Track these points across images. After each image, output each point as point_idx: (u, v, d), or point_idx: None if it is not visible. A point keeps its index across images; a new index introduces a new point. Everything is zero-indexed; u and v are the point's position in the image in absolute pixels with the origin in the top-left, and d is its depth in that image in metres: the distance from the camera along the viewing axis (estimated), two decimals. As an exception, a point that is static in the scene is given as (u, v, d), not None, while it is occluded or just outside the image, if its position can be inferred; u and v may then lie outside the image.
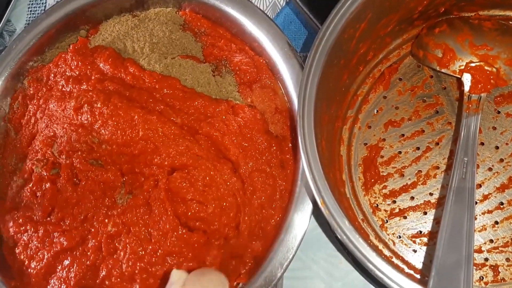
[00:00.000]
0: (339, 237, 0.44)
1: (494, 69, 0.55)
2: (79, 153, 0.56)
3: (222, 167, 0.55)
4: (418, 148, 0.58)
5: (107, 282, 0.53)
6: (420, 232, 0.55)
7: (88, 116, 0.56)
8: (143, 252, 0.52)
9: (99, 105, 0.56)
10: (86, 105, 0.57)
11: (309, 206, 0.53)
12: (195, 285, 0.44)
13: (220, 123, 0.57)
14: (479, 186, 0.55)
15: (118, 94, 0.57)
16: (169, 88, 0.58)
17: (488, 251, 0.53)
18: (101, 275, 0.53)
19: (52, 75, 0.62)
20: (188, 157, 0.55)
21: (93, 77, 0.59)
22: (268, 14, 0.61)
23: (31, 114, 0.62)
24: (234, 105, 0.58)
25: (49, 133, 0.59)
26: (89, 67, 0.60)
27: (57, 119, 0.59)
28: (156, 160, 0.55)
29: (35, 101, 0.62)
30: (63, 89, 0.60)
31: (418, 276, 0.54)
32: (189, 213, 0.53)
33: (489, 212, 0.54)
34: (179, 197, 0.54)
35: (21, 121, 0.62)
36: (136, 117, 0.55)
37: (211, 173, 0.54)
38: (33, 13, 0.80)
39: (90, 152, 0.56)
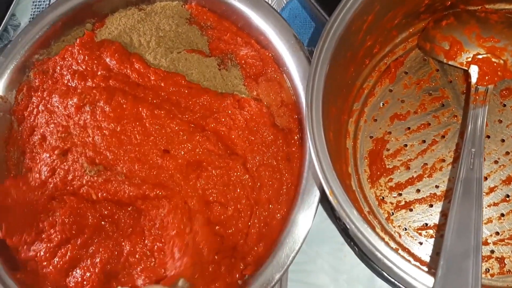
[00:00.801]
0: (347, 226, 0.44)
1: (501, 61, 0.55)
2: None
3: (234, 165, 0.55)
4: (424, 141, 0.58)
5: (130, 259, 0.53)
6: (426, 224, 0.55)
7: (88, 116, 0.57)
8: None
9: (101, 104, 0.56)
10: (88, 104, 0.57)
11: (315, 199, 0.53)
12: None
13: (226, 117, 0.57)
14: (485, 178, 0.55)
15: (123, 92, 0.57)
16: (174, 85, 0.58)
17: (494, 243, 0.53)
18: (125, 252, 0.53)
19: (58, 68, 0.62)
20: (201, 153, 0.55)
21: (99, 72, 0.59)
22: (274, 7, 0.61)
23: (34, 106, 0.61)
24: (240, 99, 0.58)
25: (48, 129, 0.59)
26: (95, 61, 0.60)
27: (57, 116, 0.59)
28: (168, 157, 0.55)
29: (39, 93, 0.62)
30: (69, 83, 0.60)
31: (424, 268, 0.54)
32: (212, 217, 0.54)
33: (495, 204, 0.54)
34: (204, 200, 0.54)
35: (24, 113, 0.62)
36: (143, 113, 0.55)
37: (228, 171, 0.54)
38: (37, 8, 0.80)
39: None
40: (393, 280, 0.51)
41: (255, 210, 0.54)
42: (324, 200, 0.51)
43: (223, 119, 0.57)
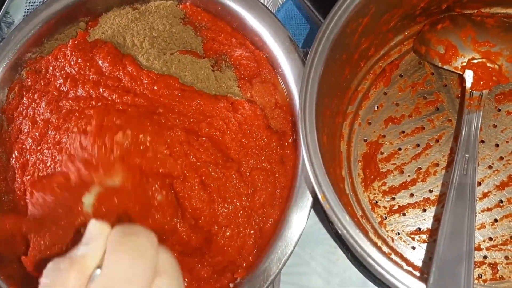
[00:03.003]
0: (339, 231, 0.44)
1: (496, 66, 0.55)
2: None
3: (230, 174, 0.54)
4: (418, 145, 0.58)
5: None
6: (419, 229, 0.55)
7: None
8: None
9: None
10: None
11: (308, 202, 0.52)
12: (123, 245, 0.33)
13: (219, 121, 0.56)
14: (479, 183, 0.55)
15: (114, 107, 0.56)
16: (167, 88, 0.57)
17: (487, 249, 0.53)
18: None
19: (51, 68, 0.61)
20: (199, 164, 0.54)
21: (90, 76, 0.58)
22: (269, 8, 0.61)
23: (24, 108, 0.61)
24: (233, 101, 0.58)
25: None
26: (87, 63, 0.59)
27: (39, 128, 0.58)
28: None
29: (30, 94, 0.61)
30: (61, 88, 0.59)
31: (416, 273, 0.53)
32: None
33: (489, 210, 0.54)
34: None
35: (14, 113, 0.61)
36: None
37: (225, 182, 0.54)
38: (31, 5, 0.80)
39: None
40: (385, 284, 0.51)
41: (251, 220, 0.54)
42: (317, 203, 0.51)
43: (216, 123, 0.56)
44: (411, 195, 0.56)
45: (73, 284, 0.32)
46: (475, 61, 0.56)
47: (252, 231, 0.53)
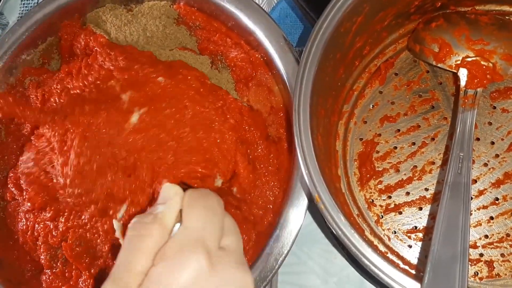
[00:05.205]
0: (335, 232, 0.44)
1: (491, 64, 0.55)
2: None
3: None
4: (413, 144, 0.57)
5: None
6: (416, 227, 0.55)
7: None
8: None
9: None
10: None
11: (304, 201, 0.52)
12: (199, 205, 0.38)
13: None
14: (475, 181, 0.55)
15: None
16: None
17: (483, 246, 0.53)
18: None
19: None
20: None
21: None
22: (264, 7, 0.60)
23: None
24: (241, 107, 0.58)
25: None
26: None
27: None
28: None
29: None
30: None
31: (413, 272, 0.53)
32: None
33: (485, 207, 0.54)
34: None
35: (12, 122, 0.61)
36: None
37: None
38: (26, 6, 0.79)
39: None
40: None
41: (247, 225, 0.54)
42: (314, 202, 0.51)
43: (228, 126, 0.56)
44: (407, 193, 0.56)
45: (156, 234, 0.36)
46: (469, 59, 0.55)
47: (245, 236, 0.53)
